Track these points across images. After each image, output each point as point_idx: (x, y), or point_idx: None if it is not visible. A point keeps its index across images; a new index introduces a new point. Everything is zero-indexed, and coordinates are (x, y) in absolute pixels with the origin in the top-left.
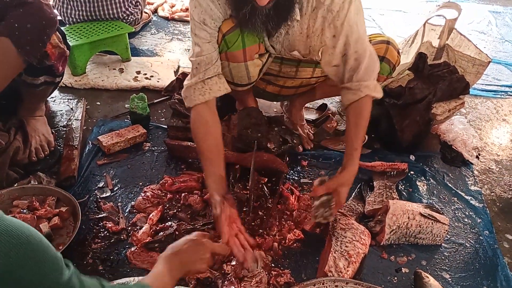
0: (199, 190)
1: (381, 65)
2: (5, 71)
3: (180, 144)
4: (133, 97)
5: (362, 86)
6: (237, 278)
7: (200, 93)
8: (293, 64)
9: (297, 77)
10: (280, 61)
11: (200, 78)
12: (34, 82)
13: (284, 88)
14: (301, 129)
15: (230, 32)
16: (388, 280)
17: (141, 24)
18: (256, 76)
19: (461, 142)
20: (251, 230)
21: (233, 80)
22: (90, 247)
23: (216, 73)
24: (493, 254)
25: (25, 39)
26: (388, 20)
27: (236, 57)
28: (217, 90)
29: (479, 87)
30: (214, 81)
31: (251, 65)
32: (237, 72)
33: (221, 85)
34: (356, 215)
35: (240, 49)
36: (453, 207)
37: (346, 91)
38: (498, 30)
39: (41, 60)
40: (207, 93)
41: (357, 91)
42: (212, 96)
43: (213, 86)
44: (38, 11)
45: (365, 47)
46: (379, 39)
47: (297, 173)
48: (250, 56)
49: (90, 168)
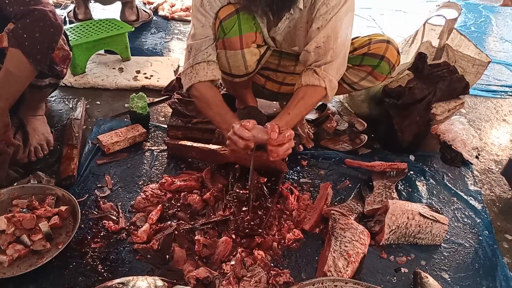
0: (199, 189)
1: (381, 64)
2: (20, 82)
3: (179, 144)
4: (133, 97)
5: (327, 79)
6: (236, 278)
7: (189, 77)
8: (292, 58)
9: (296, 71)
10: (279, 54)
11: (190, 64)
12: (39, 83)
13: (284, 84)
14: (301, 129)
15: (227, 18)
16: (388, 280)
17: (141, 23)
18: (253, 66)
19: (461, 142)
20: (250, 229)
21: (230, 70)
22: (89, 247)
23: (205, 59)
24: (493, 254)
25: (35, 49)
26: (388, 20)
27: (233, 43)
28: (203, 75)
29: (479, 87)
30: (201, 67)
31: (248, 53)
32: (234, 61)
33: (208, 71)
34: (356, 215)
35: (236, 35)
36: (453, 207)
37: (310, 72)
38: (498, 30)
39: (50, 66)
40: (194, 77)
41: (320, 79)
42: (197, 80)
43: (199, 71)
44: (45, 19)
45: (343, 47)
46: (379, 38)
47: (297, 172)
48: (246, 43)
49: (89, 167)
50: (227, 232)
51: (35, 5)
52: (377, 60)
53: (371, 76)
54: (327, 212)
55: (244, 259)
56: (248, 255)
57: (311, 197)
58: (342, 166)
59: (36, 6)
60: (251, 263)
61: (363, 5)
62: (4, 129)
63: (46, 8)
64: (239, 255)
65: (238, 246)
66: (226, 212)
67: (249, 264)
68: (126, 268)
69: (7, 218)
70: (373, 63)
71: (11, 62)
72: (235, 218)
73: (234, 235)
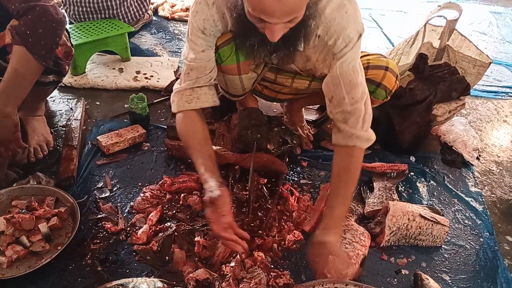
0: (199, 190)
1: (377, 90)
2: (27, 80)
3: (179, 145)
4: (133, 97)
5: (354, 136)
6: (236, 280)
7: (187, 100)
8: (289, 75)
9: (292, 87)
10: (275, 70)
11: (190, 85)
12: (42, 79)
13: (281, 93)
14: (301, 130)
15: (224, 45)
16: (388, 281)
17: (141, 24)
18: (250, 87)
19: (462, 143)
20: (250, 231)
21: (227, 90)
22: (89, 248)
23: (207, 84)
24: (494, 256)
25: (39, 44)
26: (388, 20)
27: (230, 70)
28: (205, 101)
29: (479, 88)
30: (203, 91)
31: (246, 79)
32: (232, 84)
33: (210, 96)
34: (356, 216)
35: (234, 63)
36: (453, 208)
37: (337, 131)
38: (499, 31)
39: (54, 61)
40: (194, 101)
41: (347, 139)
42: (198, 106)
43: (201, 96)
44: (46, 14)
45: (362, 91)
46: (378, 63)
47: (297, 174)
48: (244, 70)
49: (89, 168)
50: None
51: (36, 1)
52: (374, 86)
53: None
54: None
55: (244, 261)
56: (248, 256)
57: (311, 198)
58: None
59: (37, 2)
60: (251, 264)
61: (364, 5)
62: (13, 129)
63: (47, 4)
64: (238, 257)
65: None
66: None
67: (249, 265)
68: (126, 270)
69: (6, 219)
70: (370, 88)
71: (17, 60)
72: (235, 219)
73: None
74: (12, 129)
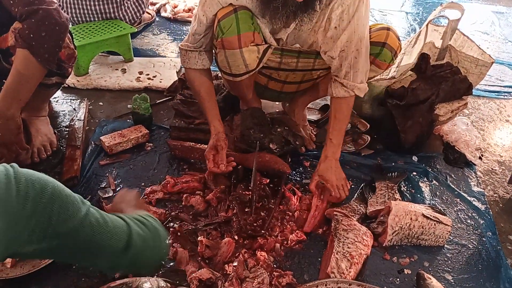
0: (201, 190)
1: (383, 51)
2: (30, 82)
3: (182, 145)
4: (136, 98)
5: (356, 88)
6: (239, 279)
7: (183, 60)
8: (293, 55)
9: (298, 68)
10: (280, 52)
11: (187, 46)
12: (45, 81)
13: (287, 83)
14: (304, 130)
15: (225, 17)
16: (391, 281)
17: (143, 25)
18: (253, 64)
19: (464, 143)
20: (253, 230)
21: (230, 70)
22: None
23: (197, 49)
24: (496, 256)
25: (42, 48)
26: (389, 20)
27: (231, 43)
28: (194, 63)
29: (482, 88)
30: (193, 55)
31: (247, 52)
32: (233, 61)
33: (199, 60)
34: (358, 216)
35: (234, 34)
36: (456, 208)
37: (338, 84)
38: (501, 31)
39: (57, 64)
40: (186, 62)
41: (349, 90)
42: (188, 66)
43: (191, 59)
44: (50, 18)
45: (366, 45)
46: (379, 26)
47: (299, 174)
48: (245, 43)
49: (92, 168)
50: (229, 233)
51: (39, 5)
52: (379, 47)
53: (374, 65)
54: (330, 213)
55: (246, 260)
56: (250, 256)
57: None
58: (345, 167)
59: (40, 5)
60: (254, 264)
61: None
62: (16, 131)
63: (50, 7)
64: (241, 256)
65: (240, 247)
66: (229, 213)
67: (252, 265)
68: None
69: None
70: (375, 51)
71: (20, 63)
72: (237, 219)
73: (236, 236)
74: (15, 131)
